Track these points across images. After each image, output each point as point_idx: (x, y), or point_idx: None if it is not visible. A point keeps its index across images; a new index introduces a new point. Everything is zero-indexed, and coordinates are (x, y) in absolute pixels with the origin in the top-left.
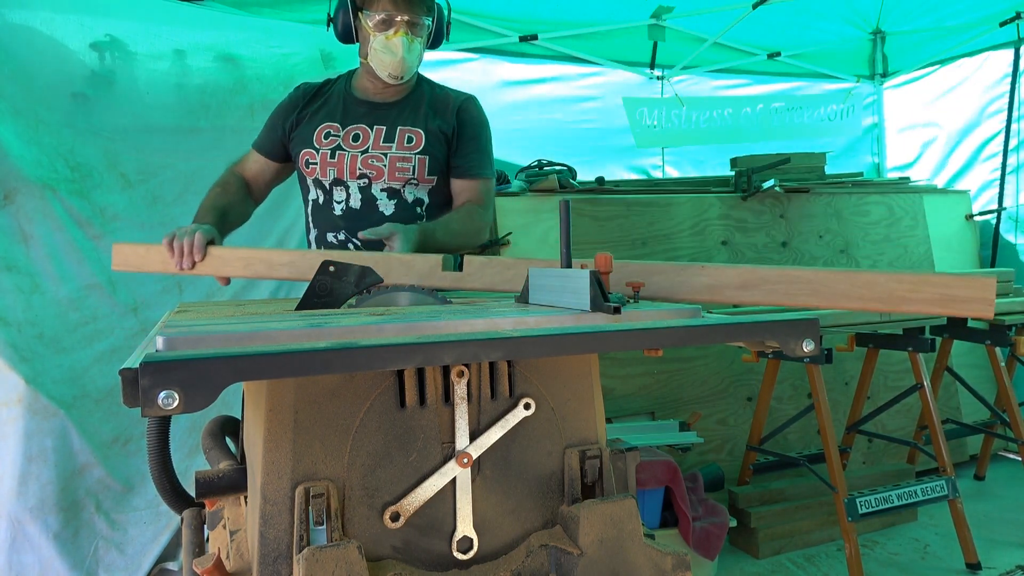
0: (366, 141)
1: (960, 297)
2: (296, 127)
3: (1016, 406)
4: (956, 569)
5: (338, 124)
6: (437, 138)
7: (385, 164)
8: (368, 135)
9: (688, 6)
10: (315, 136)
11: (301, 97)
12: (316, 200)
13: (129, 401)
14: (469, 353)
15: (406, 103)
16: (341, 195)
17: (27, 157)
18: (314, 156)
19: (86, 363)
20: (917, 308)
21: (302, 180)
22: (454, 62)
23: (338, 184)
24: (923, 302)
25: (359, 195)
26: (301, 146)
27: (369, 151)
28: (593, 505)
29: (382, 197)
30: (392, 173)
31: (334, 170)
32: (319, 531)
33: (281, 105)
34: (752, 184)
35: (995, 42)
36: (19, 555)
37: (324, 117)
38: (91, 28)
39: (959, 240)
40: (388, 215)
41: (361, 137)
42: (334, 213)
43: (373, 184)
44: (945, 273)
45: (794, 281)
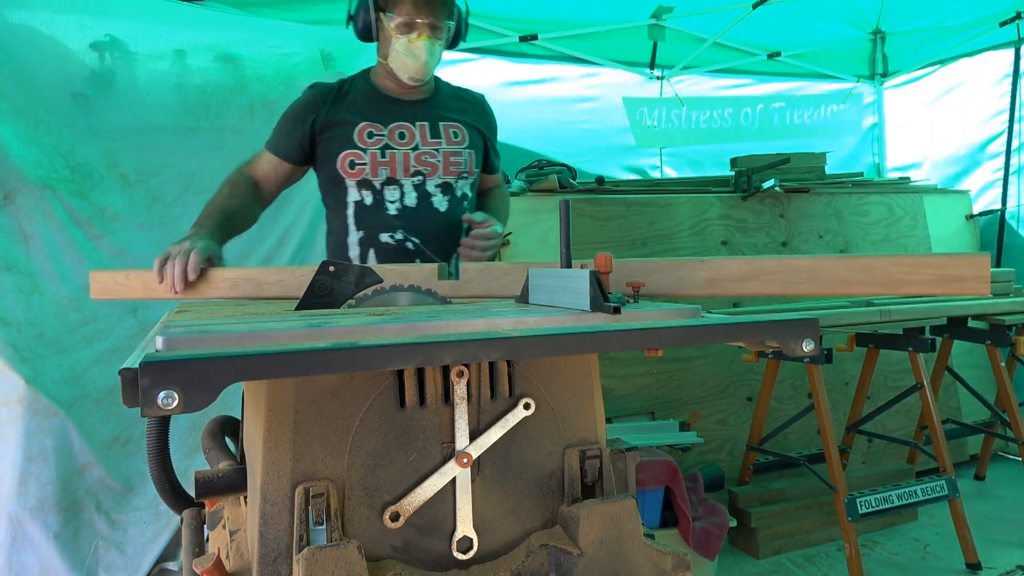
0: (413, 138)
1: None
2: (326, 128)
3: (1016, 406)
4: (956, 569)
5: (379, 123)
6: (476, 133)
7: (439, 160)
8: (413, 132)
9: (688, 6)
10: (357, 136)
11: (322, 97)
12: (361, 201)
13: (129, 401)
14: (469, 353)
15: (437, 99)
16: (394, 194)
17: (27, 157)
18: (361, 156)
19: (86, 363)
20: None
21: (335, 182)
22: (454, 62)
23: (391, 183)
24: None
25: (414, 192)
26: (341, 147)
27: (419, 147)
28: (593, 505)
29: (436, 193)
30: (447, 168)
31: (386, 169)
32: (319, 531)
33: (297, 106)
34: (752, 184)
35: (995, 42)
36: (19, 555)
37: (358, 116)
38: (91, 28)
39: (959, 240)
40: (443, 211)
41: (407, 135)
42: (388, 213)
43: (428, 180)
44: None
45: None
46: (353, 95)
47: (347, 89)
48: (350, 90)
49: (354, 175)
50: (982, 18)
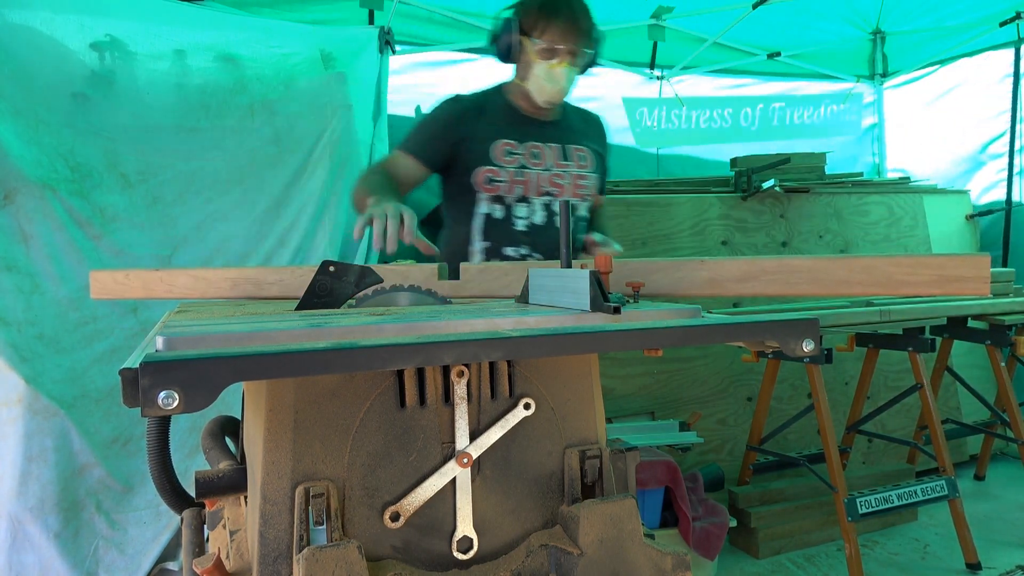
0: (545, 159)
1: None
2: (465, 141)
3: (1016, 406)
4: (956, 569)
5: (515, 141)
6: (598, 157)
7: (567, 182)
8: (545, 153)
9: (688, 6)
10: (494, 153)
11: (464, 112)
12: (490, 215)
13: (129, 401)
14: (469, 353)
15: (565, 121)
16: (524, 211)
17: (27, 157)
18: (499, 174)
19: (86, 363)
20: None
21: (465, 194)
22: (454, 62)
23: (522, 201)
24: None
25: (542, 211)
26: (478, 162)
27: (551, 169)
28: (593, 505)
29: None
30: (574, 191)
31: (521, 188)
32: (319, 531)
33: (441, 117)
34: (752, 184)
35: (995, 42)
36: (19, 555)
37: (496, 133)
38: (91, 28)
39: (959, 240)
40: None
41: (540, 155)
42: (516, 228)
43: (555, 201)
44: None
45: (793, 270)
46: (491, 111)
47: (486, 104)
48: (488, 106)
49: (490, 191)
50: (982, 18)
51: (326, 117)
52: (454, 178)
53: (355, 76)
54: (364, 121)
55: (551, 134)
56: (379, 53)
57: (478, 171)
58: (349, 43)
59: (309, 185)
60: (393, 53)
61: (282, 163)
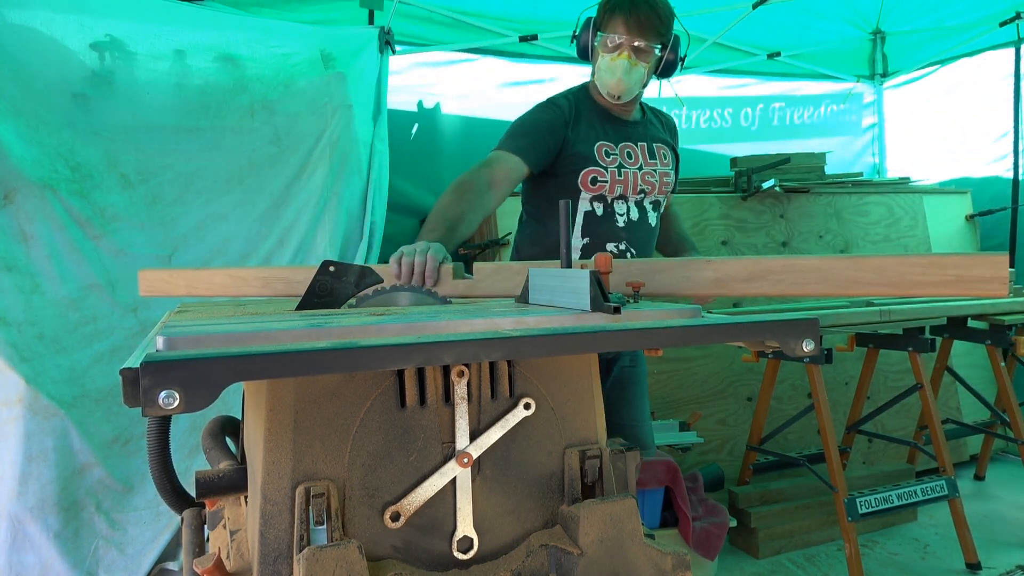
0: (638, 159)
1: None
2: (570, 144)
3: (1016, 406)
4: (956, 569)
5: (611, 142)
6: (674, 155)
7: (656, 179)
8: (637, 152)
9: (688, 6)
10: (596, 154)
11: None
12: (592, 212)
13: (129, 401)
14: (469, 353)
15: (646, 120)
16: (622, 208)
17: (27, 157)
18: (603, 174)
19: (86, 363)
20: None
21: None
22: (454, 62)
23: (620, 199)
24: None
25: (636, 209)
26: (583, 163)
27: (643, 168)
28: (593, 505)
29: (650, 209)
30: (661, 188)
31: (621, 187)
32: (319, 531)
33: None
34: (752, 184)
35: (995, 42)
36: (19, 555)
37: (594, 135)
38: (91, 28)
39: (959, 240)
40: (653, 226)
41: (633, 155)
42: (617, 225)
43: (646, 198)
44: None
45: (801, 270)
46: (587, 113)
47: (580, 107)
48: (582, 108)
49: (594, 190)
50: (982, 18)
51: (326, 117)
52: (556, 179)
53: (355, 76)
54: (364, 121)
55: (638, 133)
56: (379, 53)
57: (584, 172)
58: (349, 43)
59: (309, 185)
60: (393, 53)
61: (282, 163)
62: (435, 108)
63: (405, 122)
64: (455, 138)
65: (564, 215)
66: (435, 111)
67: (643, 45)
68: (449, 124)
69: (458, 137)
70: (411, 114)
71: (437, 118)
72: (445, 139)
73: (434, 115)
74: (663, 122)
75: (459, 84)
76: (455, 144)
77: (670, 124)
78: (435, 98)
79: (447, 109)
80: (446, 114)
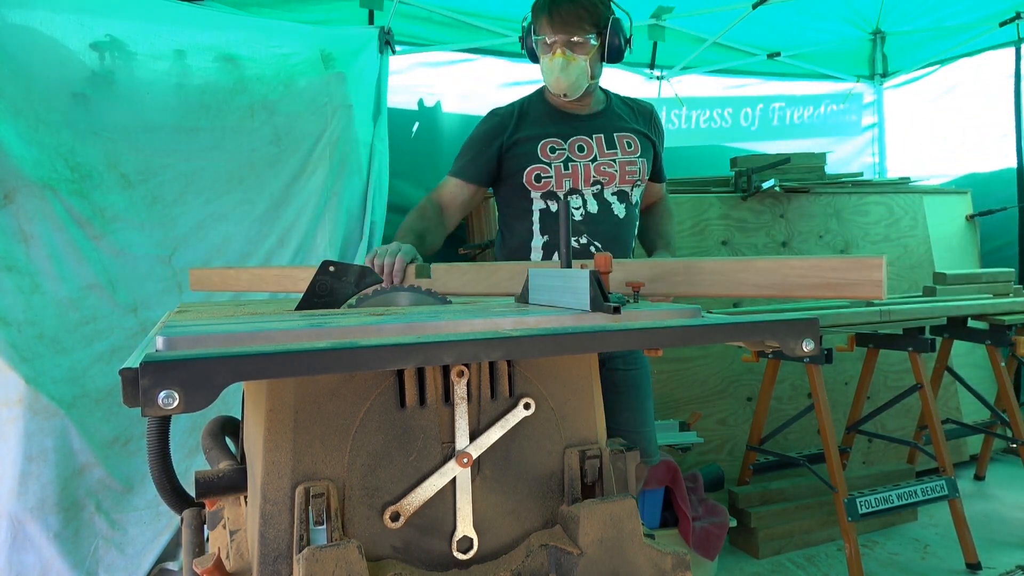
0: (591, 150)
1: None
2: (511, 147)
3: (1016, 406)
4: (956, 569)
5: (559, 138)
6: (646, 140)
7: (615, 169)
8: (591, 144)
9: (688, 6)
10: (540, 151)
11: (504, 121)
12: (546, 209)
13: (129, 401)
14: (469, 353)
15: (609, 110)
16: (578, 202)
17: (27, 157)
18: (547, 170)
19: (86, 363)
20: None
21: (520, 194)
22: (454, 62)
23: (573, 193)
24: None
25: (594, 201)
26: (526, 163)
27: (597, 159)
28: (593, 505)
29: (614, 200)
30: (623, 177)
31: (569, 180)
32: (319, 531)
33: (480, 134)
34: (752, 184)
35: (995, 42)
36: (19, 555)
37: (540, 134)
38: (91, 28)
39: (959, 240)
40: (621, 217)
41: (585, 148)
42: (573, 219)
43: (605, 189)
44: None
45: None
46: (533, 114)
47: (526, 109)
48: (529, 110)
49: (540, 188)
50: (982, 18)
51: (326, 117)
52: (506, 183)
53: (355, 76)
54: (364, 121)
55: (594, 125)
56: (379, 53)
57: (527, 171)
58: (349, 43)
59: (309, 185)
60: (393, 53)
61: (282, 163)
62: (435, 108)
63: (405, 122)
64: (455, 138)
65: (564, 215)
66: (435, 111)
67: (572, 39)
68: (449, 124)
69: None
70: (411, 114)
71: (437, 118)
72: (445, 139)
73: (434, 115)
74: (635, 110)
75: (459, 84)
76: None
77: (645, 112)
78: (435, 98)
79: (447, 109)
80: (446, 114)
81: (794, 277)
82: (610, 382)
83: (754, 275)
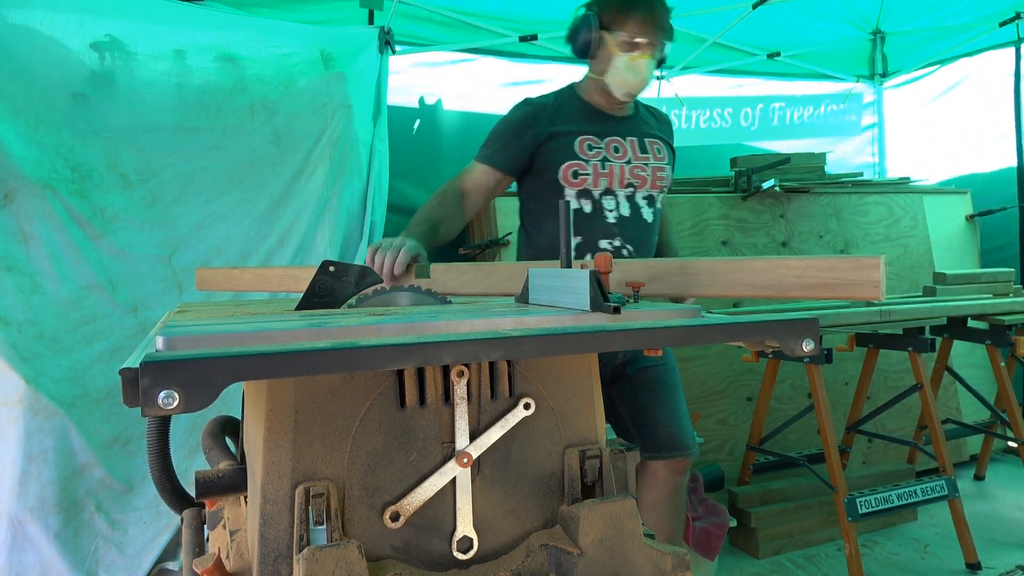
0: (626, 152)
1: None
2: (548, 140)
3: (1016, 406)
4: (956, 569)
5: (596, 136)
6: (670, 151)
7: (648, 174)
8: (625, 147)
9: (688, 6)
10: (577, 148)
11: (539, 111)
12: (580, 209)
13: (129, 401)
14: (469, 353)
15: (638, 116)
16: (611, 204)
17: (27, 157)
18: (584, 167)
19: (86, 363)
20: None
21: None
22: (454, 62)
23: (608, 194)
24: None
25: (627, 203)
26: (562, 158)
27: (632, 162)
28: (593, 505)
29: (643, 204)
30: (654, 182)
31: (606, 180)
32: (319, 531)
33: (513, 121)
34: (752, 184)
35: (995, 42)
36: (19, 555)
37: (577, 130)
38: (91, 28)
39: (959, 240)
40: (649, 221)
41: (621, 148)
42: (607, 221)
43: (637, 192)
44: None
45: (694, 272)
46: (568, 109)
47: (561, 103)
48: (564, 104)
49: (576, 184)
50: (982, 18)
51: (326, 117)
52: (538, 177)
53: (355, 76)
54: (364, 121)
55: (628, 128)
56: (379, 53)
57: (564, 167)
58: (349, 43)
59: (309, 185)
60: (393, 53)
61: (282, 163)
62: (435, 108)
63: (405, 122)
64: (455, 138)
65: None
66: (435, 111)
67: (658, 42)
68: (449, 124)
69: (458, 137)
70: (411, 114)
71: (437, 118)
72: (445, 139)
73: (434, 115)
74: (657, 118)
75: (459, 84)
76: (455, 144)
77: (665, 120)
78: (435, 98)
79: (447, 109)
80: (446, 114)
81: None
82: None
83: (750, 275)
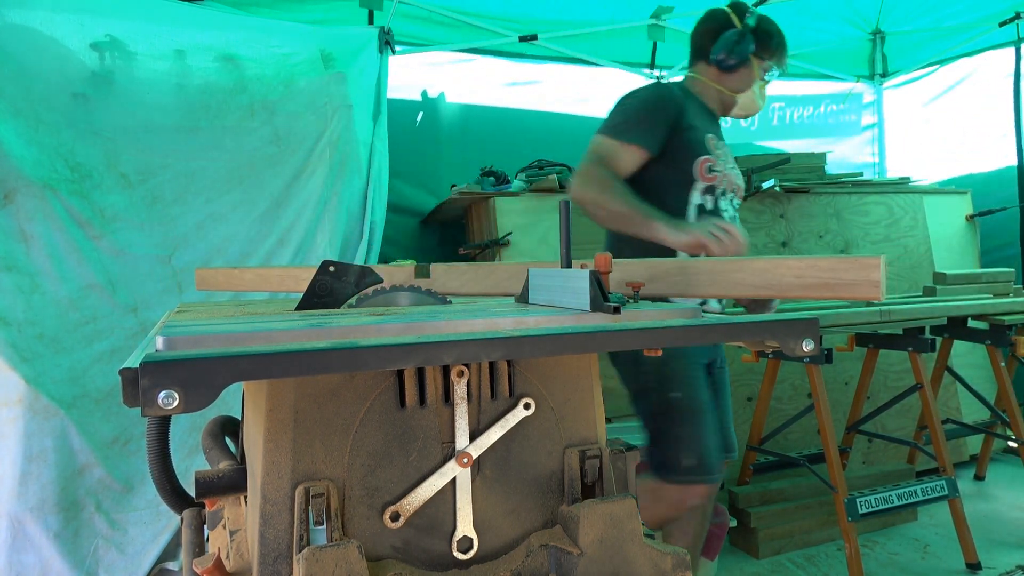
0: (729, 158)
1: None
2: (686, 129)
3: (1016, 406)
4: (956, 569)
5: (715, 137)
6: None
7: (741, 182)
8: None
9: (688, 6)
10: (708, 144)
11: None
12: (702, 205)
13: (129, 401)
14: (469, 353)
15: None
16: (726, 204)
17: (27, 157)
18: (716, 163)
19: (86, 363)
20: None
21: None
22: (454, 62)
23: (724, 195)
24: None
25: (731, 207)
26: (699, 151)
27: (734, 168)
28: (593, 505)
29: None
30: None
31: (726, 181)
32: (319, 531)
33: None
34: (752, 184)
35: (995, 42)
36: (19, 555)
37: (702, 127)
38: (91, 28)
39: (959, 240)
40: None
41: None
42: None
43: (735, 198)
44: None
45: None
46: (693, 105)
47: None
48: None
49: (709, 180)
50: (982, 18)
51: (326, 117)
52: (669, 166)
53: (355, 76)
54: (364, 121)
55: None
56: (379, 53)
57: (700, 160)
58: (349, 43)
59: (309, 185)
60: (393, 53)
61: (282, 163)
62: (435, 108)
63: (405, 122)
64: (455, 138)
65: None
66: (435, 111)
67: None
68: (449, 124)
69: (458, 136)
70: (411, 114)
71: (437, 118)
72: (445, 138)
73: (434, 115)
74: None
75: (459, 84)
76: (455, 143)
77: None
78: (435, 98)
79: (447, 109)
80: (446, 114)
81: (791, 277)
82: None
83: (750, 275)
